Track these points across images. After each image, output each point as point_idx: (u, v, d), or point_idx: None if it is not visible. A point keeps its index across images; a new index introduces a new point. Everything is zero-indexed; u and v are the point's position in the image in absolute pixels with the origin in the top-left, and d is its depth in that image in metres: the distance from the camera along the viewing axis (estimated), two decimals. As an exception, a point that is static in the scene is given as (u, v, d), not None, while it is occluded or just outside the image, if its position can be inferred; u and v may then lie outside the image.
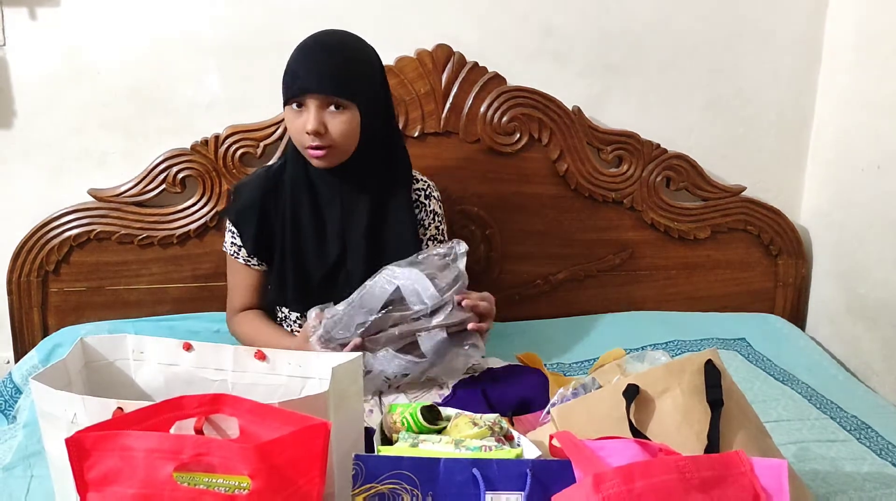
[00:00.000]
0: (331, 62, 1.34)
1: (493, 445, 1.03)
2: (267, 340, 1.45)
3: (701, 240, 2.02)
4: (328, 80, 1.33)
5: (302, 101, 1.35)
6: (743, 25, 1.97)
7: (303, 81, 1.34)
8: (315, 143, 1.35)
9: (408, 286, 1.27)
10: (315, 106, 1.34)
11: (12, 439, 1.41)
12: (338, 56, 1.36)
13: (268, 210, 1.48)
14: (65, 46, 1.75)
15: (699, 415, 1.08)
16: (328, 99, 1.34)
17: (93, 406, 0.95)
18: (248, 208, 1.48)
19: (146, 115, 1.80)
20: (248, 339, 1.52)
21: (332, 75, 1.33)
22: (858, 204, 1.91)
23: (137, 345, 1.13)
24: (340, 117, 1.35)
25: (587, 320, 1.96)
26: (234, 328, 1.58)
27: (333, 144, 1.36)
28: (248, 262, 1.53)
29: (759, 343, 1.88)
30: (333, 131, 1.35)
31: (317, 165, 1.40)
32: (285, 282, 1.48)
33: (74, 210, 1.78)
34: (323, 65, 1.34)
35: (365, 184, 1.43)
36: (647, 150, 1.95)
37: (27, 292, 1.78)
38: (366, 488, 0.91)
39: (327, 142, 1.35)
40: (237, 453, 0.86)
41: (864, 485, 1.31)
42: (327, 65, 1.34)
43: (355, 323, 1.28)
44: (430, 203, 1.55)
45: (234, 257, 1.53)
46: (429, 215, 1.55)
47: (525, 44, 1.90)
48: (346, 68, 1.35)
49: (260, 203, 1.47)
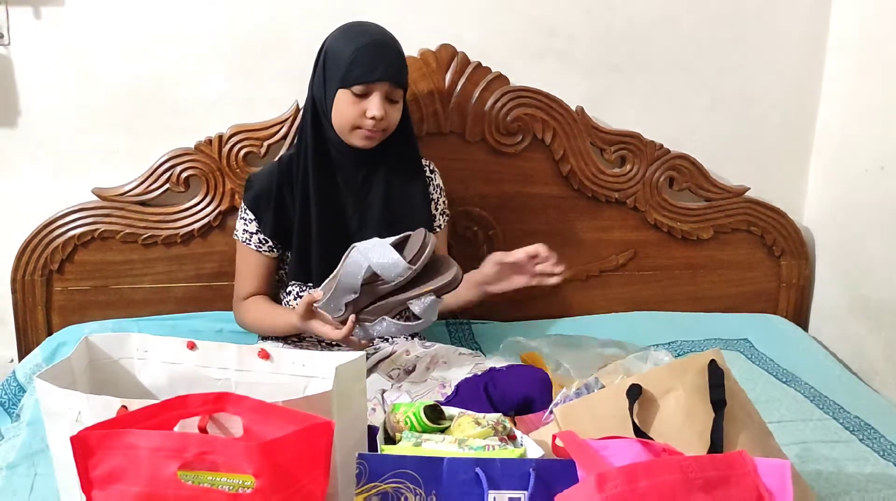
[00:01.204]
0: (397, 56, 1.49)
1: (496, 444, 1.03)
2: (273, 320, 1.55)
3: (704, 240, 2.02)
4: (397, 72, 1.48)
5: (368, 89, 1.45)
6: (747, 26, 1.96)
7: (376, 70, 1.44)
8: (376, 127, 1.46)
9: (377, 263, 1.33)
10: (382, 94, 1.45)
11: (16, 437, 1.42)
12: (400, 52, 1.50)
13: (283, 196, 1.55)
14: (69, 45, 1.75)
15: (702, 415, 1.08)
16: (392, 89, 1.47)
17: (97, 405, 0.95)
18: (265, 194, 1.56)
19: (150, 114, 1.80)
20: (254, 323, 1.60)
21: (399, 68, 1.48)
22: (862, 205, 1.91)
23: (141, 344, 1.14)
24: (396, 106, 1.50)
25: (590, 320, 1.96)
26: (242, 315, 1.63)
27: (388, 128, 1.49)
28: (259, 248, 1.59)
29: (762, 344, 1.88)
30: (391, 118, 1.48)
31: (363, 145, 1.50)
32: (308, 258, 1.55)
33: (78, 209, 1.78)
34: (393, 57, 1.47)
35: (384, 162, 1.55)
36: (650, 150, 1.95)
37: (31, 290, 1.79)
38: (369, 487, 0.91)
39: (383, 126, 1.48)
40: (241, 451, 0.86)
41: (866, 486, 1.31)
42: (396, 58, 1.48)
43: (343, 303, 1.36)
44: (436, 178, 1.69)
45: (245, 243, 1.59)
46: (436, 188, 1.68)
47: (528, 43, 1.90)
48: (405, 63, 1.51)
49: (277, 190, 1.55)
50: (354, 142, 1.49)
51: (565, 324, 1.94)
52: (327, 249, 1.52)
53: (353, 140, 1.49)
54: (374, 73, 1.44)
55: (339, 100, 1.47)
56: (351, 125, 1.47)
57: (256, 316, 1.59)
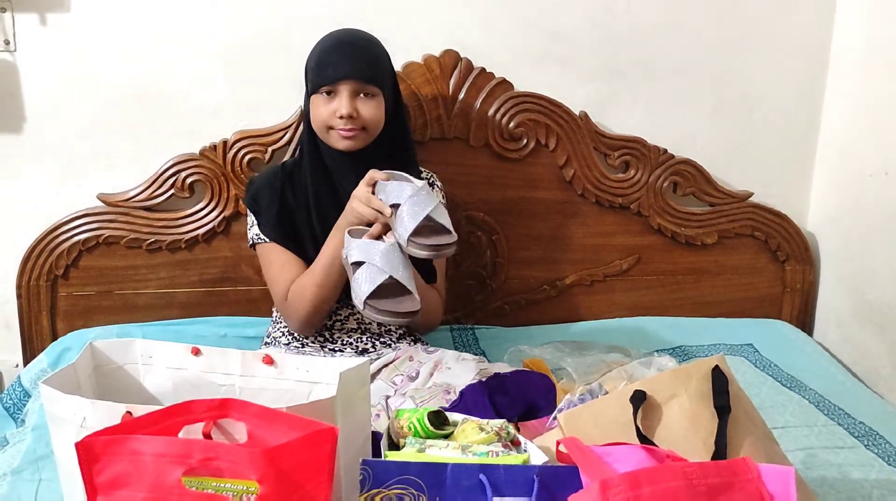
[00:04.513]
0: (363, 53, 1.49)
1: (499, 450, 1.03)
2: (312, 269, 1.48)
3: (708, 245, 2.02)
4: (362, 68, 1.46)
5: (334, 88, 1.46)
6: (750, 31, 1.97)
7: (337, 69, 1.45)
8: (347, 126, 1.46)
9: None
10: (348, 92, 1.46)
11: (21, 442, 1.42)
12: (367, 48, 1.50)
13: (286, 197, 1.55)
14: (74, 51, 1.76)
15: (706, 421, 1.08)
16: (360, 86, 1.46)
17: (102, 410, 0.95)
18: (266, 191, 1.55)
19: (155, 119, 1.81)
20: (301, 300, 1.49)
21: (365, 64, 1.47)
22: (866, 210, 1.91)
23: (146, 349, 1.14)
24: (371, 103, 1.48)
25: (594, 325, 1.96)
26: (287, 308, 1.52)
27: (365, 125, 1.48)
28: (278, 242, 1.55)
29: (767, 349, 1.87)
30: (365, 115, 1.47)
31: (342, 146, 1.48)
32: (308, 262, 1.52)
33: (84, 215, 1.79)
34: (356, 55, 1.47)
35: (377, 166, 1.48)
36: (653, 155, 1.95)
37: (36, 296, 1.79)
38: (373, 493, 0.92)
39: (358, 125, 1.47)
40: (245, 457, 0.86)
41: (872, 493, 1.30)
42: (360, 55, 1.48)
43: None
44: (435, 191, 1.64)
45: (262, 242, 1.55)
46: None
47: (532, 49, 1.91)
48: (374, 59, 1.50)
49: (280, 190, 1.55)
50: (334, 144, 1.49)
51: (569, 329, 1.94)
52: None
53: (332, 142, 1.49)
54: (337, 71, 1.45)
55: (313, 105, 1.49)
56: (325, 126, 1.48)
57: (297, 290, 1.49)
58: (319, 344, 1.57)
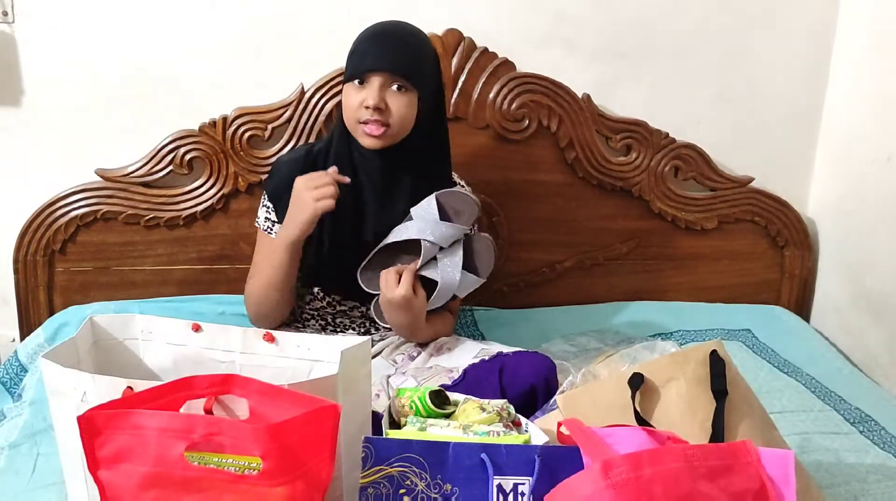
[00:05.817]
0: (401, 46, 1.41)
1: (500, 430, 1.03)
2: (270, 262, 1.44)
3: (708, 230, 2.01)
4: (397, 60, 1.39)
5: (366, 77, 1.39)
6: (755, 16, 1.95)
7: (372, 58, 1.39)
8: (374, 118, 1.38)
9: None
10: (378, 83, 1.38)
11: (18, 417, 1.42)
12: (407, 43, 1.43)
13: None
14: (74, 24, 1.74)
15: (703, 405, 1.08)
16: (392, 78, 1.39)
17: (103, 385, 0.95)
18: (286, 185, 1.45)
19: (154, 95, 1.79)
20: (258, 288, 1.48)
21: (401, 57, 1.40)
22: (867, 197, 1.91)
23: (146, 325, 1.14)
24: (402, 98, 1.39)
25: (593, 308, 1.96)
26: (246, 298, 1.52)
27: (391, 123, 1.39)
28: None
29: (764, 335, 1.88)
30: (394, 110, 1.39)
31: (367, 144, 1.41)
32: (320, 261, 1.48)
33: (81, 190, 1.77)
34: (393, 46, 1.41)
35: (407, 170, 1.46)
36: (655, 139, 1.94)
37: (33, 271, 1.79)
38: (375, 470, 0.92)
39: (385, 119, 1.39)
40: (248, 433, 0.86)
41: (866, 477, 1.32)
42: (398, 47, 1.41)
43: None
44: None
45: (266, 232, 1.52)
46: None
47: (535, 30, 1.89)
48: (414, 54, 1.42)
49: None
50: (361, 140, 1.42)
51: (567, 312, 1.94)
52: (340, 254, 1.46)
53: (358, 138, 1.42)
54: (367, 60, 1.39)
55: (345, 93, 1.42)
56: (355, 119, 1.41)
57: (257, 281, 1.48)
58: (320, 327, 1.56)
